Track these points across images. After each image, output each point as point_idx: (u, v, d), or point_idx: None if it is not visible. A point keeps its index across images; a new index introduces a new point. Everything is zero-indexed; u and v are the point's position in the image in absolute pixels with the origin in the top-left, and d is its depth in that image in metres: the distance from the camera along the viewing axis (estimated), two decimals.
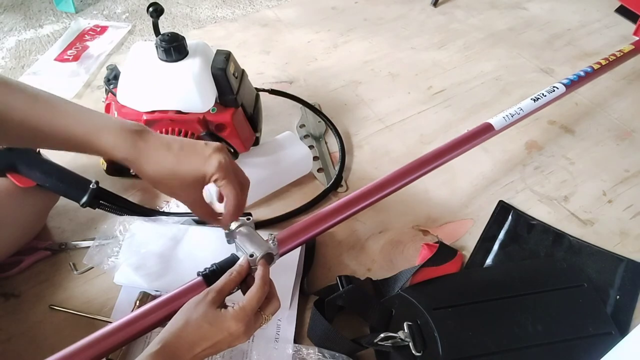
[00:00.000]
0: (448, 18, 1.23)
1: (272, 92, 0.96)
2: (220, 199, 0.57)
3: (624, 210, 0.80)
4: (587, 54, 1.10)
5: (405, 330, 0.60)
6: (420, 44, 1.14)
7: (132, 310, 0.58)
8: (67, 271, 0.70)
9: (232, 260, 0.53)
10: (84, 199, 0.67)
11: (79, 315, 0.64)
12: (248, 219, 0.56)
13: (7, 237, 0.65)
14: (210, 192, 0.75)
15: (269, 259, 0.53)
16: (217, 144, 0.52)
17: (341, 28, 1.19)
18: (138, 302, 0.63)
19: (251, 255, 0.51)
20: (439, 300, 0.63)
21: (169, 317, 0.50)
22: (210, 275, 0.51)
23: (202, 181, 0.52)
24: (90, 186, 0.67)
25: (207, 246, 0.68)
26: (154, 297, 0.63)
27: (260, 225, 0.75)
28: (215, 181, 0.52)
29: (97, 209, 0.69)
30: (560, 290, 0.66)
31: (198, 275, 0.52)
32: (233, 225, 0.54)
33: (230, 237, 0.55)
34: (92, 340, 0.47)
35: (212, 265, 0.52)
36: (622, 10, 1.23)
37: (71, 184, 0.67)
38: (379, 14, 1.24)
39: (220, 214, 0.55)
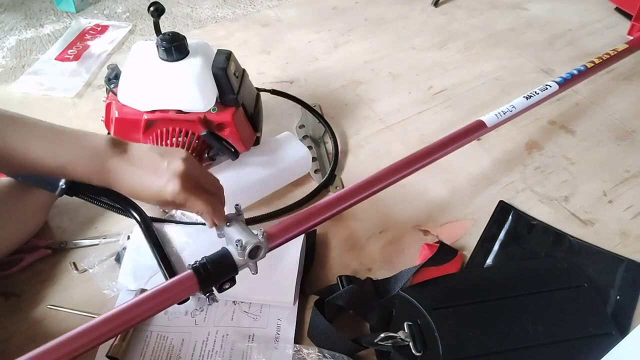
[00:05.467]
0: (449, 18, 1.23)
1: (274, 92, 0.96)
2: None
3: (625, 211, 0.80)
4: (588, 54, 1.10)
5: (406, 330, 0.60)
6: (420, 44, 1.14)
7: None
8: (67, 270, 0.70)
9: (223, 254, 0.53)
10: (59, 189, 0.66)
11: (80, 314, 0.64)
12: (238, 214, 0.56)
13: (7, 235, 0.65)
14: None
15: (257, 252, 0.53)
16: (177, 162, 0.53)
17: (342, 28, 1.19)
18: None
19: (242, 248, 0.52)
20: (439, 300, 0.63)
21: (160, 308, 0.50)
22: (200, 268, 0.51)
23: (169, 203, 0.53)
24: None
25: (200, 242, 0.68)
26: None
27: (248, 223, 0.75)
28: (179, 206, 0.54)
29: (73, 196, 0.68)
30: (560, 291, 0.66)
31: (189, 268, 0.52)
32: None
33: (220, 230, 0.55)
34: (82, 331, 0.47)
35: (202, 259, 0.52)
36: (621, 9, 1.23)
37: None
38: (379, 14, 1.24)
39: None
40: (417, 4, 1.27)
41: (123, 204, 0.71)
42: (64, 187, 0.66)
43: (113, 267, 0.69)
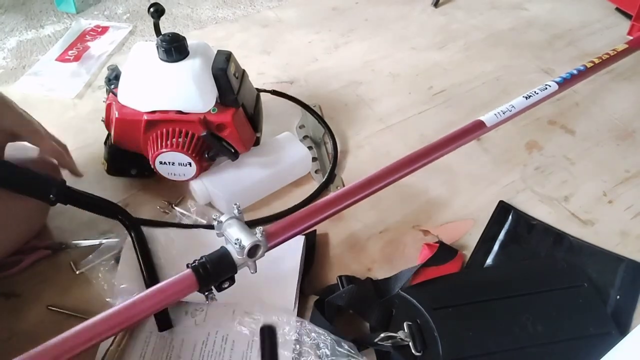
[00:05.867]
0: (449, 18, 1.23)
1: (274, 92, 0.96)
2: None
3: (625, 211, 0.80)
4: (588, 54, 1.10)
5: (405, 330, 0.60)
6: (420, 44, 1.14)
7: None
8: (67, 270, 0.70)
9: (222, 253, 0.53)
10: (52, 197, 0.64)
11: (79, 315, 0.64)
12: (238, 213, 0.56)
13: (7, 236, 0.65)
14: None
15: (256, 250, 0.53)
16: None
17: (342, 28, 1.19)
18: None
19: (240, 247, 0.51)
20: (439, 300, 0.63)
21: (158, 307, 0.50)
22: (200, 268, 0.51)
23: None
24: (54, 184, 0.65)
25: (197, 245, 0.68)
26: None
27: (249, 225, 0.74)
28: None
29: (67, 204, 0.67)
30: (560, 290, 0.66)
31: (187, 267, 0.52)
32: (223, 218, 0.55)
33: (220, 230, 0.55)
34: (78, 330, 0.46)
35: (201, 258, 0.52)
36: (621, 9, 1.23)
37: (33, 184, 0.64)
38: (379, 15, 1.24)
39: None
40: (417, 4, 1.27)
41: (111, 210, 0.70)
42: (55, 195, 0.64)
43: (112, 268, 0.69)
